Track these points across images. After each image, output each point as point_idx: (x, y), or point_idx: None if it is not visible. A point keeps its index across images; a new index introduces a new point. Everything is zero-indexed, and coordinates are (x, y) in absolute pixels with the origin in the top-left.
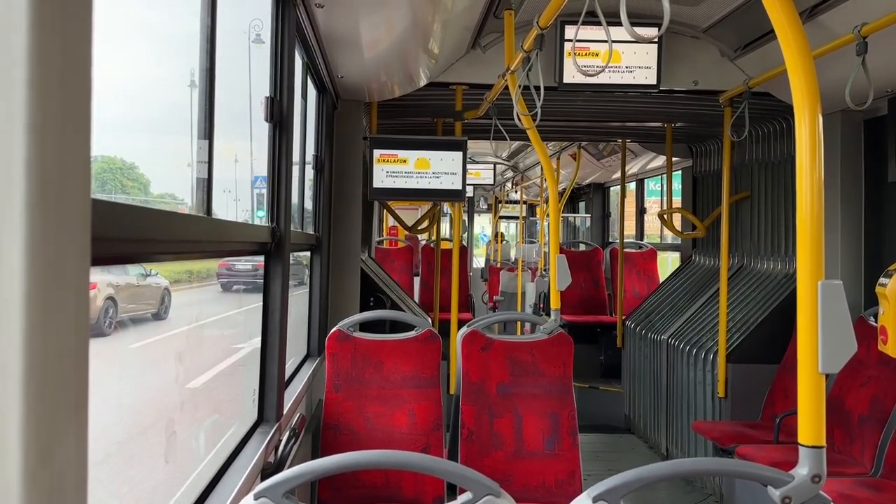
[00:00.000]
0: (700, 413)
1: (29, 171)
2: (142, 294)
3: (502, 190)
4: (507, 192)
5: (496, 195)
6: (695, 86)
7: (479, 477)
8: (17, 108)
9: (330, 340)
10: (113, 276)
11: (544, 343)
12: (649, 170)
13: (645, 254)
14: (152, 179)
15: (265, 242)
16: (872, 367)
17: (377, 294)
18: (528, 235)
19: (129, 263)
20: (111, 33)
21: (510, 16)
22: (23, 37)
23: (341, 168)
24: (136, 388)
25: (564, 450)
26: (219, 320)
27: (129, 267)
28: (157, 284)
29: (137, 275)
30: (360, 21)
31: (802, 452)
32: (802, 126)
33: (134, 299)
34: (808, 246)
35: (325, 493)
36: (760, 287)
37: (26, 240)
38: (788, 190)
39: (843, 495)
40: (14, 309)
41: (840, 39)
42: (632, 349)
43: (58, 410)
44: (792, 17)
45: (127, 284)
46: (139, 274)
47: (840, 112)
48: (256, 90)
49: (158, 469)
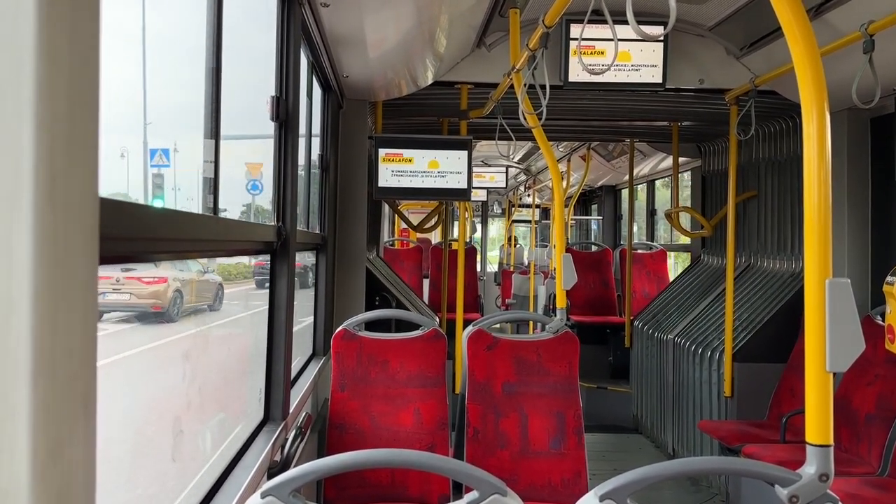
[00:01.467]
0: (706, 412)
1: (37, 169)
2: (200, 289)
3: (515, 193)
4: (519, 196)
5: (509, 199)
6: (701, 84)
7: (486, 476)
8: (25, 106)
9: (335, 339)
10: (178, 272)
11: (550, 342)
12: (659, 171)
13: (655, 255)
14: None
15: (271, 242)
16: (879, 365)
17: (382, 293)
18: (541, 239)
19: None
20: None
21: (515, 14)
22: (30, 34)
23: (346, 167)
24: (224, 353)
25: (570, 449)
26: (264, 311)
27: (189, 263)
28: (214, 280)
29: (197, 271)
30: (366, 20)
31: (810, 451)
32: (810, 124)
33: (194, 293)
34: (815, 244)
35: (331, 491)
36: (767, 286)
37: (35, 239)
38: (795, 189)
39: (850, 495)
40: (23, 308)
41: (847, 37)
42: (640, 349)
43: (66, 408)
44: (800, 15)
45: (189, 280)
46: (198, 271)
47: (846, 110)
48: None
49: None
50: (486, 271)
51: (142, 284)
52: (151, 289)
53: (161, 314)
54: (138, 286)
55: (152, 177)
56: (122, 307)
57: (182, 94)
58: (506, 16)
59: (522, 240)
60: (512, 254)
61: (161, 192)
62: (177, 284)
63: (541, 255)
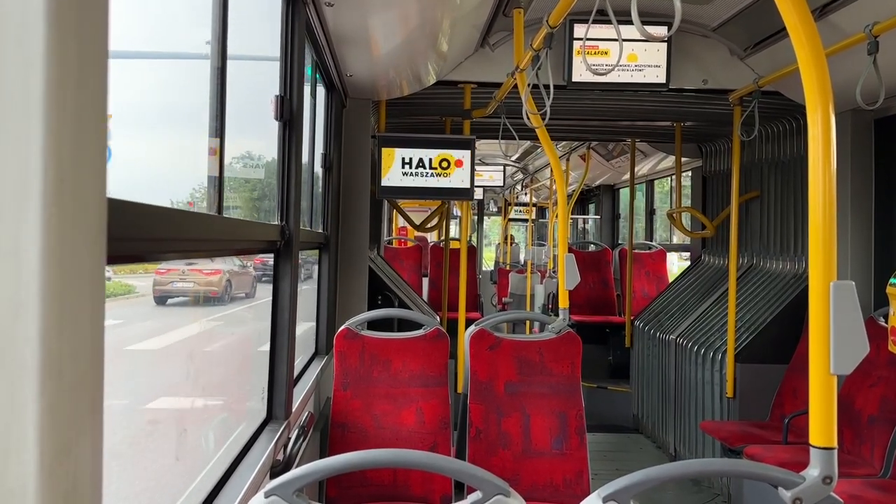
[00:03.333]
0: (708, 413)
1: (45, 170)
2: (241, 280)
3: (512, 192)
4: (516, 195)
5: (506, 198)
6: (704, 85)
7: (489, 476)
8: (34, 108)
9: (338, 339)
10: (227, 265)
11: (552, 342)
12: (659, 170)
13: (654, 254)
14: None
15: (274, 241)
16: (882, 367)
17: (385, 292)
18: (538, 238)
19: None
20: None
21: (519, 14)
22: (39, 38)
23: (349, 166)
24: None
25: (572, 449)
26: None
27: (234, 259)
28: (251, 273)
29: (239, 265)
30: (370, 19)
31: (814, 454)
32: (815, 125)
33: (237, 283)
34: (820, 246)
35: (333, 490)
36: (769, 287)
37: (43, 239)
38: (798, 190)
39: (853, 496)
40: (31, 308)
41: (851, 38)
42: (640, 349)
43: (74, 408)
44: (805, 16)
45: (234, 272)
46: (240, 265)
47: (850, 112)
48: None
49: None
50: (481, 269)
51: (202, 275)
52: (209, 279)
53: (217, 298)
54: (200, 276)
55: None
56: (188, 293)
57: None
58: (510, 16)
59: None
60: (508, 252)
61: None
62: (227, 276)
63: (538, 253)
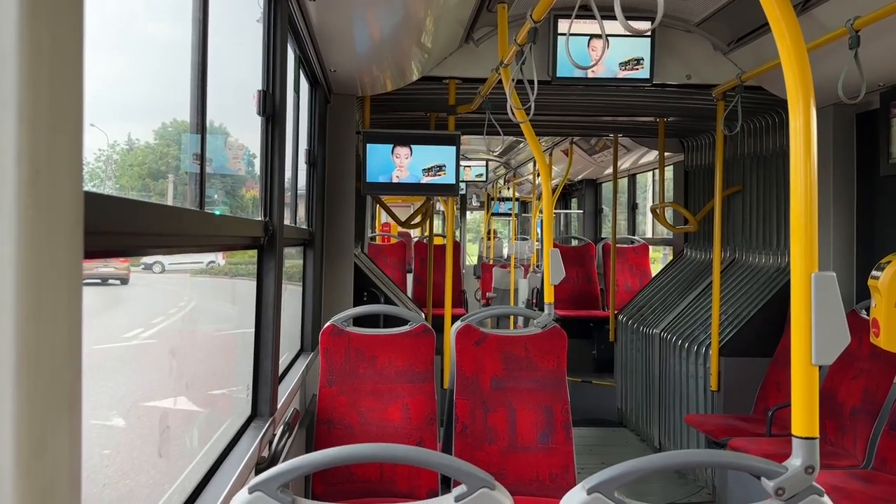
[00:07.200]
0: (693, 406)
1: (20, 164)
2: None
3: (494, 187)
4: (499, 189)
5: (488, 192)
6: (687, 80)
7: (473, 470)
8: (8, 101)
9: (323, 335)
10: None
11: (538, 337)
12: (641, 165)
13: (637, 249)
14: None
15: (258, 237)
16: (864, 359)
17: (370, 289)
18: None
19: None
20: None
21: (503, 9)
22: (13, 30)
23: (334, 163)
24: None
25: (558, 443)
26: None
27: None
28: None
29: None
30: (353, 15)
31: (796, 444)
32: (797, 119)
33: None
34: (801, 238)
35: (319, 487)
36: (752, 281)
37: (18, 233)
38: (780, 184)
39: (836, 487)
40: (6, 302)
41: (833, 33)
42: (624, 343)
43: (51, 403)
44: (787, 11)
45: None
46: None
47: (832, 106)
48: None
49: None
50: (465, 265)
51: (119, 262)
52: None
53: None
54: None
55: None
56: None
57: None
58: (494, 11)
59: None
60: (491, 247)
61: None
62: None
63: (521, 248)
